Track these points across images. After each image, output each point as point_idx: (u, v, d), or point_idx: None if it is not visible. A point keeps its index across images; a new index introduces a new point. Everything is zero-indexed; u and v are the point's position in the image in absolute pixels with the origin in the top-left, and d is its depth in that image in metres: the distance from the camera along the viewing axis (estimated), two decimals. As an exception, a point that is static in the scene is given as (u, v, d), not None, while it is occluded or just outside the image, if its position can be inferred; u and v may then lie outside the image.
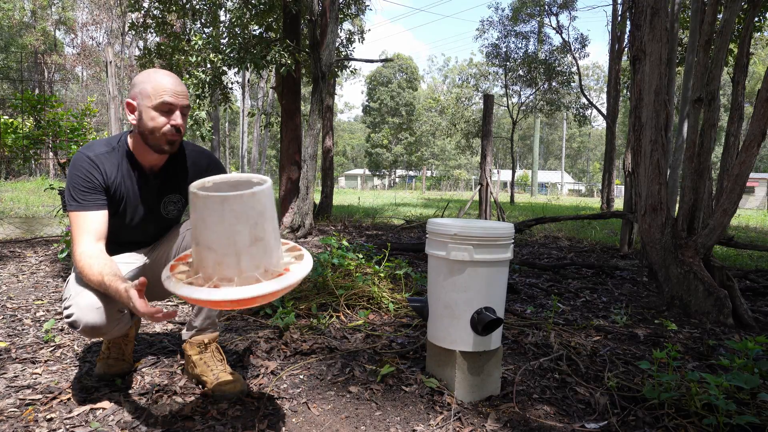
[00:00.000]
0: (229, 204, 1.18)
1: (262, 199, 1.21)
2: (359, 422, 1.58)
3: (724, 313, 2.79)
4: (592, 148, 59.92)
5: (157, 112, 1.60)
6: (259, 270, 1.23)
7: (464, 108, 23.25)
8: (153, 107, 1.59)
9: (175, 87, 1.61)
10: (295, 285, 1.24)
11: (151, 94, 1.59)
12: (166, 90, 1.59)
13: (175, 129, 1.62)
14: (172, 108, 1.61)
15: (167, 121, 1.61)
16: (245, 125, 27.97)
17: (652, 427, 1.59)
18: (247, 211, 1.19)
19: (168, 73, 1.63)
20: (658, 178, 2.99)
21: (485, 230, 1.66)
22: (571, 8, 17.35)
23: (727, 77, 23.75)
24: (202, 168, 1.81)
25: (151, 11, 7.66)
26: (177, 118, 1.62)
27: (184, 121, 1.66)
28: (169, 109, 1.60)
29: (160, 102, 1.59)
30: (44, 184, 14.28)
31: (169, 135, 1.62)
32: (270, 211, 1.24)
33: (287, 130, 7.28)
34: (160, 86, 1.59)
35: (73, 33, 31.62)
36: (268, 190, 1.23)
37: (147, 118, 1.60)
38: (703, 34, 3.17)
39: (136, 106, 1.62)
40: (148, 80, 1.60)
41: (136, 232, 1.78)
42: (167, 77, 1.62)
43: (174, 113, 1.62)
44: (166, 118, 1.61)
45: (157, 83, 1.59)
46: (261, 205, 1.21)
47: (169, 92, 1.60)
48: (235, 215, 1.18)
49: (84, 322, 1.49)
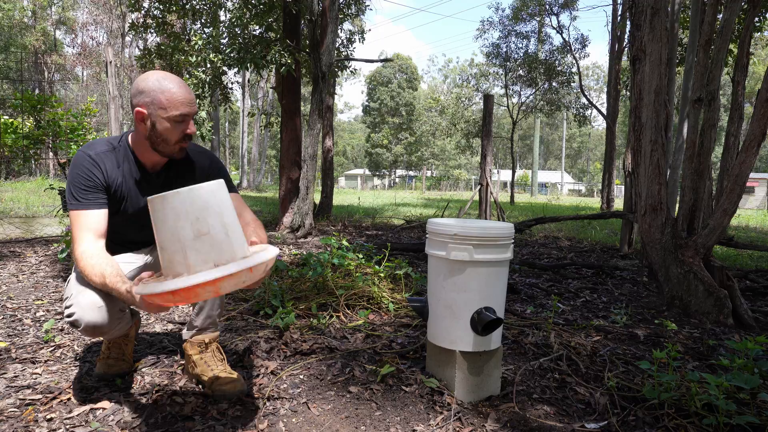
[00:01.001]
0: (168, 202, 1.26)
1: (203, 195, 1.28)
2: (359, 422, 1.58)
3: (724, 313, 2.79)
4: (592, 148, 59.92)
5: (172, 123, 1.58)
6: (208, 264, 1.26)
7: (464, 108, 23.24)
8: (168, 119, 1.57)
9: (188, 96, 1.60)
10: (241, 274, 1.24)
11: (166, 105, 1.56)
12: (182, 101, 1.58)
13: (188, 137, 1.63)
14: (186, 118, 1.60)
15: (182, 131, 1.60)
16: (245, 125, 27.97)
17: (652, 427, 1.59)
18: (186, 207, 1.25)
19: (177, 80, 1.61)
20: (658, 178, 2.99)
21: (485, 230, 1.66)
22: (572, 8, 17.34)
23: (727, 77, 23.72)
24: (204, 167, 1.81)
25: (151, 11, 7.66)
26: (191, 126, 1.62)
27: (193, 126, 1.66)
28: (183, 120, 1.59)
29: (177, 114, 1.57)
30: (44, 184, 14.29)
31: (182, 143, 1.63)
32: (216, 207, 1.29)
33: (287, 130, 7.28)
34: (175, 98, 1.57)
35: (73, 33, 31.63)
36: (208, 186, 1.29)
37: (161, 129, 1.59)
38: (703, 34, 3.17)
39: (147, 116, 1.58)
40: (160, 89, 1.57)
41: (137, 232, 1.78)
42: (178, 86, 1.59)
43: (188, 123, 1.61)
44: (181, 129, 1.60)
45: (171, 95, 1.57)
46: (202, 201, 1.27)
47: (185, 103, 1.58)
48: (176, 212, 1.25)
49: (85, 321, 1.49)
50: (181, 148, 1.64)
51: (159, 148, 1.63)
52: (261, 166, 30.63)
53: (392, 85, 42.68)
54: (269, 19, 7.60)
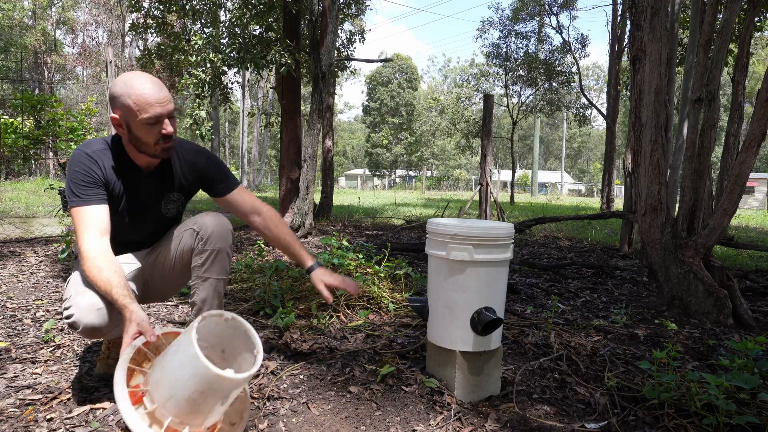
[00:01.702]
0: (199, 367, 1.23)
1: (230, 385, 1.27)
2: (359, 422, 1.58)
3: (724, 313, 2.79)
4: (592, 148, 59.92)
5: (146, 126, 1.54)
6: (177, 419, 1.29)
7: (464, 108, 23.25)
8: (141, 122, 1.53)
9: (158, 94, 1.54)
10: None
11: (136, 109, 1.52)
12: (150, 102, 1.52)
13: (167, 137, 1.59)
14: (160, 118, 1.56)
15: (158, 133, 1.57)
16: (245, 125, 27.97)
17: (652, 427, 1.59)
18: (204, 382, 1.25)
19: (146, 77, 1.56)
20: (658, 178, 2.99)
21: (485, 230, 1.66)
22: (572, 8, 17.34)
23: (727, 77, 23.74)
24: (200, 166, 1.80)
25: (151, 11, 7.66)
26: (167, 126, 1.58)
27: (173, 124, 1.62)
28: (157, 121, 1.55)
29: (148, 116, 1.53)
30: (44, 184, 14.28)
31: (163, 144, 1.60)
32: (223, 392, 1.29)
33: (287, 130, 7.28)
34: (143, 99, 1.52)
35: (73, 33, 31.63)
36: (244, 378, 1.28)
37: (137, 133, 1.56)
38: (703, 34, 3.17)
39: (122, 120, 1.56)
40: (128, 93, 1.52)
41: (136, 231, 1.78)
42: (147, 84, 1.54)
43: (163, 122, 1.57)
44: (156, 130, 1.56)
45: (138, 96, 1.51)
46: (220, 386, 1.26)
47: (154, 103, 1.53)
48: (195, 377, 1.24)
49: (84, 323, 1.49)
50: (163, 149, 1.61)
51: (142, 150, 1.61)
52: (261, 166, 30.63)
53: (392, 85, 42.69)
54: (269, 19, 7.60)
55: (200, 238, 1.69)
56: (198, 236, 1.69)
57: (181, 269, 1.78)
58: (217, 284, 1.74)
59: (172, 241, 1.77)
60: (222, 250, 1.71)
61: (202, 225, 1.70)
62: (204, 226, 1.69)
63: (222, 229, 1.71)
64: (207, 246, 1.69)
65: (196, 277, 1.72)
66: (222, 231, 1.71)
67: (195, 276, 1.73)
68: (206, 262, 1.70)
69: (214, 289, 1.73)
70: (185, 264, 1.76)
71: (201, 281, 1.72)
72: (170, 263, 1.78)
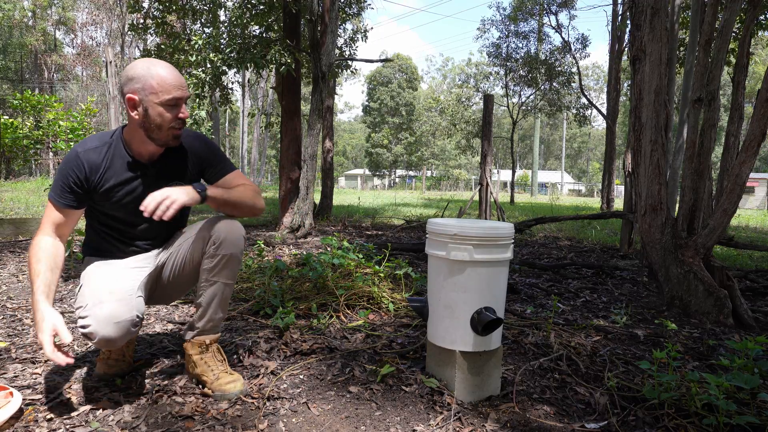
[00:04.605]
0: None
1: None
2: (359, 422, 1.58)
3: (724, 313, 2.79)
4: (592, 148, 59.91)
5: (165, 108, 1.60)
6: None
7: (464, 108, 23.25)
8: (161, 103, 1.59)
9: (179, 79, 1.61)
10: None
11: (157, 90, 1.58)
12: (173, 84, 1.59)
13: (182, 122, 1.64)
14: (179, 102, 1.62)
15: (175, 116, 1.62)
16: (245, 125, 27.98)
17: (652, 427, 1.59)
18: None
19: (166, 64, 1.63)
20: (658, 178, 2.99)
21: (485, 230, 1.66)
22: (571, 7, 17.33)
23: (727, 77, 23.74)
24: (199, 151, 1.81)
25: (151, 12, 7.66)
26: (184, 110, 1.64)
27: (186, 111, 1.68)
28: (176, 103, 1.61)
29: (169, 98, 1.59)
30: (44, 184, 14.28)
31: (176, 129, 1.64)
32: None
33: (287, 131, 7.28)
34: (167, 81, 1.58)
35: (72, 33, 31.63)
36: None
37: (154, 114, 1.60)
38: (703, 34, 3.17)
39: (139, 102, 1.59)
40: (150, 75, 1.58)
41: (142, 227, 1.78)
42: (168, 70, 1.60)
43: (181, 107, 1.63)
44: (173, 113, 1.62)
45: (161, 78, 1.58)
46: None
47: (177, 87, 1.60)
48: None
49: (101, 335, 1.50)
50: (174, 135, 1.65)
51: (153, 136, 1.64)
52: (261, 166, 30.62)
53: (392, 85, 42.69)
54: (269, 19, 7.60)
55: (213, 242, 1.70)
56: (211, 240, 1.70)
57: (190, 272, 1.79)
58: (224, 288, 1.74)
59: (183, 244, 1.78)
60: (234, 256, 1.71)
61: (216, 230, 1.70)
62: (217, 231, 1.70)
63: (235, 236, 1.71)
64: (219, 251, 1.69)
65: (204, 280, 1.72)
66: (234, 237, 1.71)
67: (203, 278, 1.73)
68: (217, 266, 1.70)
69: (222, 292, 1.74)
70: (195, 267, 1.76)
71: (209, 284, 1.72)
72: (180, 266, 1.79)
